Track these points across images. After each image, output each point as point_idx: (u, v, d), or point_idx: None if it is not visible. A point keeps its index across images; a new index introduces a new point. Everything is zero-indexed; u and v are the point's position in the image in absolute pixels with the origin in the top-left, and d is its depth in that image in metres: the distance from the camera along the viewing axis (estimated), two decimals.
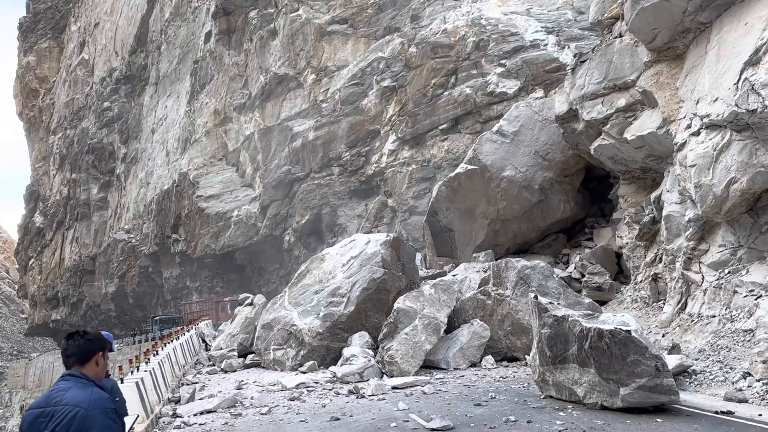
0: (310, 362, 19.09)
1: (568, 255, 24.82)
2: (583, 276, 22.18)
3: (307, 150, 44.15)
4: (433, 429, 10.32)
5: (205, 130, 55.56)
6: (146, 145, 66.38)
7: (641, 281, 20.39)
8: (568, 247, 25.51)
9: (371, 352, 18.37)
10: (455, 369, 17.23)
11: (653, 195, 19.26)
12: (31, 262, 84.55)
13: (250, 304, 26.59)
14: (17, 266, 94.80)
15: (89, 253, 70.74)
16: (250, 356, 22.54)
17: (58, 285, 75.59)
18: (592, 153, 22.12)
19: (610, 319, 10.89)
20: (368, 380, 16.23)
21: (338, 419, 11.99)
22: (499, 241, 25.59)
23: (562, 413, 10.85)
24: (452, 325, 18.60)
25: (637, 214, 20.74)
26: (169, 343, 20.14)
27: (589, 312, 12.04)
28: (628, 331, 10.49)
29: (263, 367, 21.55)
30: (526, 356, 17.04)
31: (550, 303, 11.80)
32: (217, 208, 50.69)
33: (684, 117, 16.15)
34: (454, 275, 22.07)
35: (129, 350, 36.05)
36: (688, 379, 12.68)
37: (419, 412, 11.95)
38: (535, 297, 11.91)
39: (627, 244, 21.66)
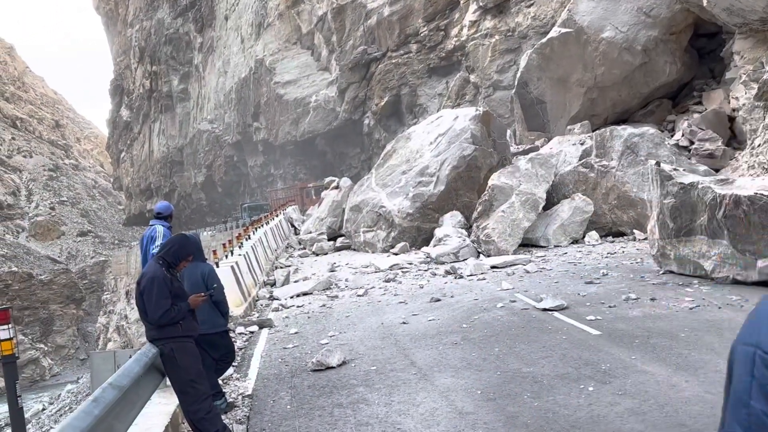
0: (402, 243, 18.63)
1: (674, 122, 22.81)
2: (692, 143, 20.35)
3: (383, 27, 42.16)
4: (545, 309, 9.56)
5: (277, 12, 53.95)
6: (221, 33, 65.47)
7: (760, 145, 18.46)
8: (674, 113, 23.42)
9: (464, 232, 17.66)
10: (556, 246, 16.35)
11: None
12: (122, 156, 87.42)
13: (336, 187, 26.20)
14: (110, 160, 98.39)
15: (176, 144, 72.19)
16: (339, 239, 22.34)
17: (150, 176, 78.08)
18: (704, 5, 19.67)
19: (747, 184, 9.56)
20: (465, 260, 15.60)
21: (438, 300, 11.43)
22: (596, 111, 23.78)
23: (688, 288, 9.85)
24: (550, 201, 17.56)
25: (756, 72, 18.56)
26: (259, 228, 20.06)
27: (723, 177, 10.70)
28: None
29: (354, 250, 21.34)
30: (635, 231, 15.93)
31: (675, 170, 10.51)
32: (295, 94, 49.92)
33: None
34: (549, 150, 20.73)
35: (222, 237, 36.88)
36: None
37: (525, 291, 11.22)
38: (657, 164, 10.62)
39: (743, 105, 19.57)
